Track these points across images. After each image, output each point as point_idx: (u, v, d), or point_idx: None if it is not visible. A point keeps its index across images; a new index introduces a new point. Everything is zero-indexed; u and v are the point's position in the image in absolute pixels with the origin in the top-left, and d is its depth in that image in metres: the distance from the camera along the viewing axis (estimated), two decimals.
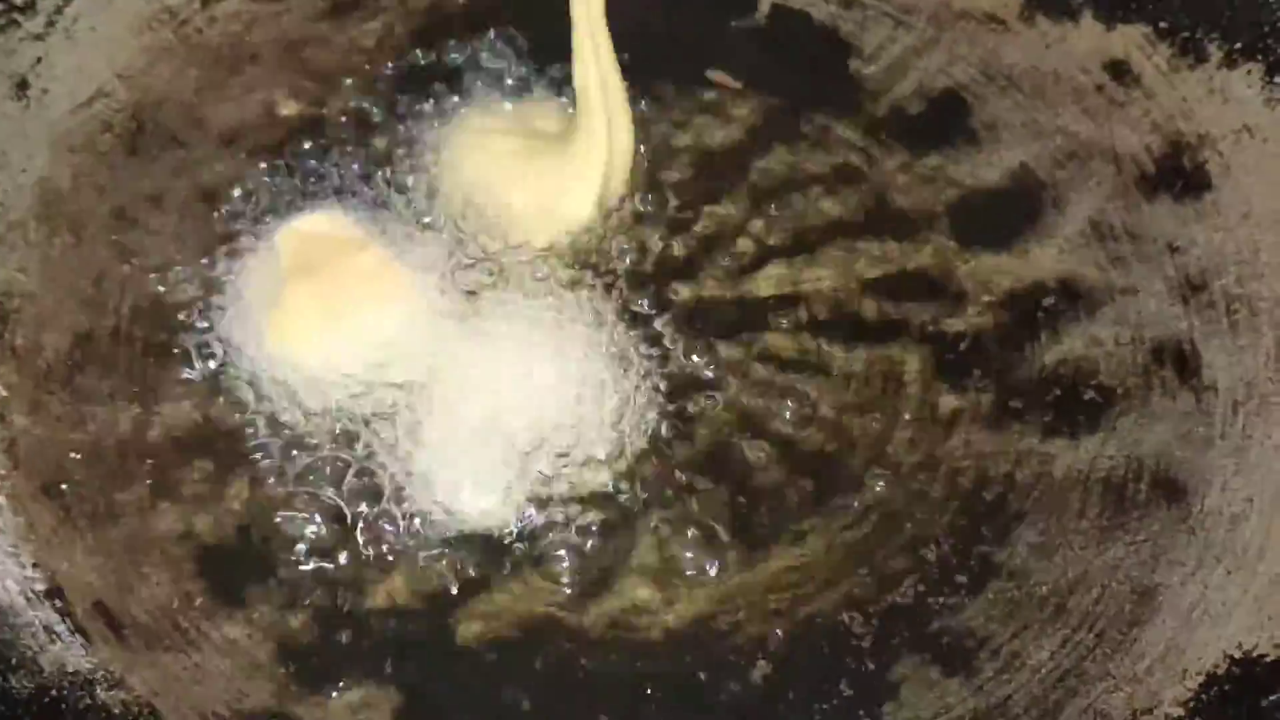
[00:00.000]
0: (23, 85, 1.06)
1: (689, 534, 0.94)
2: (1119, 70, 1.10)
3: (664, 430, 0.97)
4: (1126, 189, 1.06)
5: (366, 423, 0.96)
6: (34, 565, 0.92)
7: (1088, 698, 0.89)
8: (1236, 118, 1.06)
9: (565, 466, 0.95)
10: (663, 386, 0.98)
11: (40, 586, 0.91)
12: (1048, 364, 1.00)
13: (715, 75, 1.10)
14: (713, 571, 0.94)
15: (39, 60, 1.07)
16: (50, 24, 1.08)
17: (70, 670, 0.89)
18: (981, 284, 1.03)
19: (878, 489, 0.96)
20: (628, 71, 1.02)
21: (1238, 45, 1.07)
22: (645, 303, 1.00)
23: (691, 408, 0.98)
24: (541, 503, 0.94)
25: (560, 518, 0.94)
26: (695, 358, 0.99)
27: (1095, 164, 1.07)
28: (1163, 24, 1.09)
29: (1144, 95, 1.09)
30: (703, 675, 0.91)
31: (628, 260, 1.02)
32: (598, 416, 0.96)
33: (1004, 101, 1.10)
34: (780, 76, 1.11)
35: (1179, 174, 1.06)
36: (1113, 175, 1.06)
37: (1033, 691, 0.90)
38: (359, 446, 0.95)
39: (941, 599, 0.93)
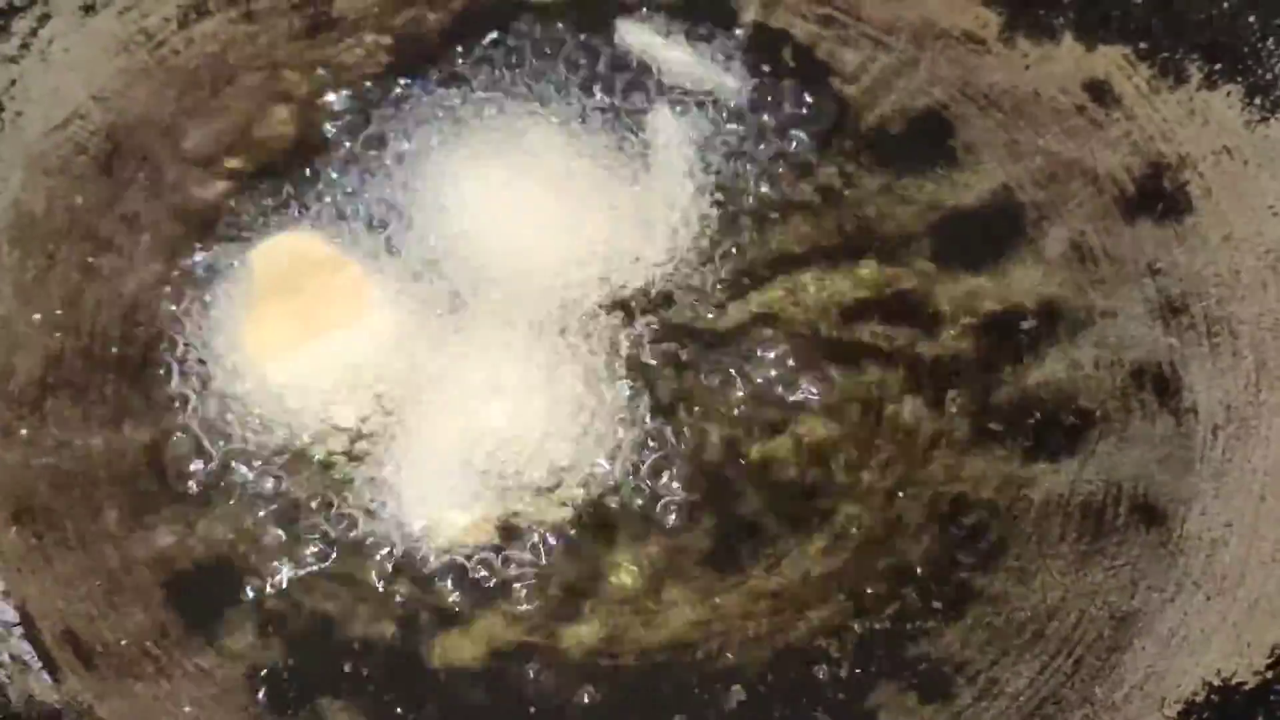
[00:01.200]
0: None
1: (664, 560, 0.93)
2: (1099, 91, 1.09)
3: (640, 455, 0.96)
4: (1107, 210, 1.05)
5: (341, 447, 0.96)
6: (3, 593, 0.91)
7: None
8: (1217, 139, 1.05)
9: (538, 490, 0.95)
10: (639, 411, 0.97)
11: (9, 615, 0.91)
12: (1027, 387, 0.99)
13: None
14: (688, 597, 0.93)
15: (13, 83, 1.06)
16: (24, 46, 1.07)
17: (39, 700, 0.88)
18: (961, 306, 1.02)
19: (855, 514, 0.95)
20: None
21: (1218, 66, 1.06)
22: (622, 327, 1.00)
23: (668, 433, 0.97)
24: (514, 526, 0.94)
25: (534, 542, 0.93)
26: (672, 383, 0.98)
27: (1076, 185, 1.06)
28: (1143, 45, 1.09)
29: (1124, 116, 1.08)
30: (679, 701, 0.90)
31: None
32: (573, 441, 0.95)
33: (984, 122, 1.09)
34: (758, 95, 1.10)
35: (1159, 195, 1.05)
36: (1093, 196, 1.05)
37: (1011, 719, 0.89)
38: (333, 470, 0.95)
39: (919, 625, 0.92)
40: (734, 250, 1.03)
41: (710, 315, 1.01)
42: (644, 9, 1.10)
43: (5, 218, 1.03)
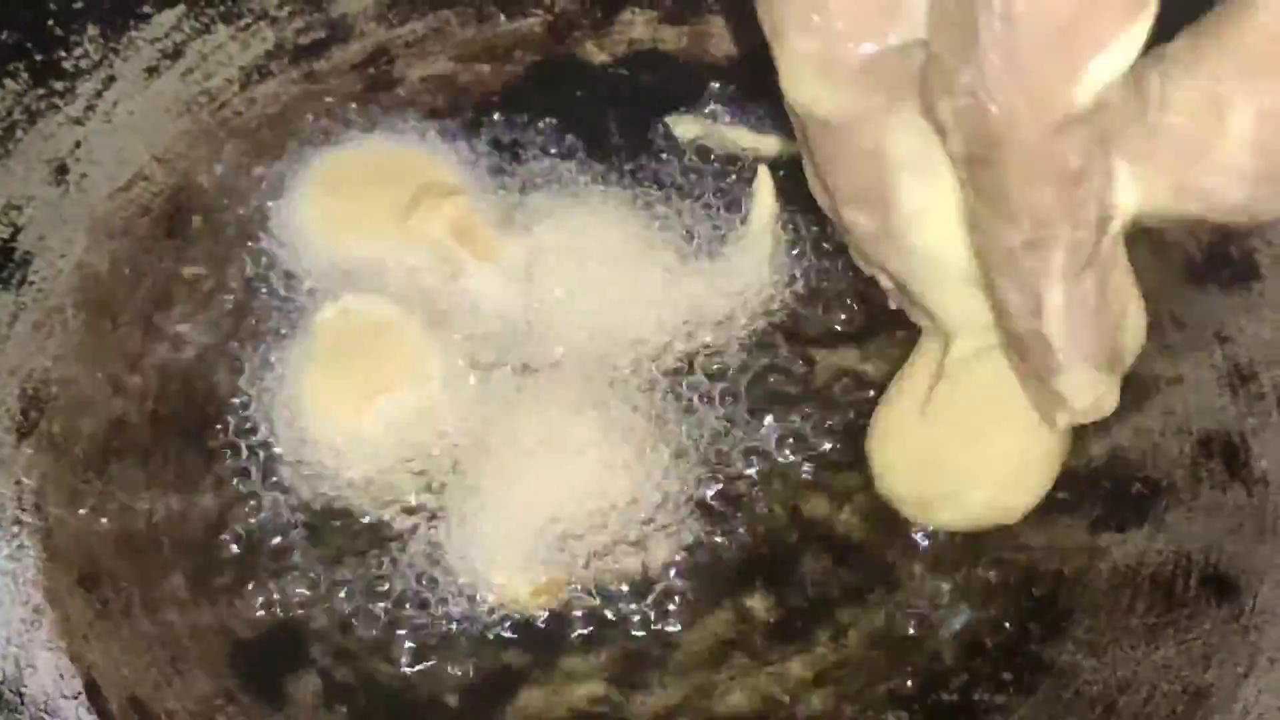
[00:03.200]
0: (62, 170, 1.06)
1: (730, 630, 0.93)
2: None
3: (706, 519, 0.95)
4: (1173, 277, 1.04)
5: (405, 508, 0.96)
6: (71, 660, 0.91)
7: None
8: None
9: (605, 554, 0.94)
10: (707, 473, 0.97)
11: (77, 682, 0.90)
12: (1095, 456, 0.98)
13: None
14: (753, 668, 0.92)
15: (78, 144, 1.07)
16: (89, 108, 1.08)
17: None
18: None
19: (923, 582, 0.95)
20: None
21: None
22: (695, 390, 0.99)
23: (735, 492, 0.96)
24: (584, 591, 0.93)
25: (600, 606, 0.93)
26: (740, 446, 0.97)
27: (1140, 252, 1.05)
28: None
29: None
30: None
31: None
32: (639, 504, 0.94)
33: None
34: None
35: (1226, 262, 1.05)
36: (1159, 263, 1.05)
37: None
38: (397, 533, 0.95)
39: (989, 697, 0.91)
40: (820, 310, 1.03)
41: (798, 368, 1.01)
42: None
43: (70, 280, 1.03)
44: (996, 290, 0.80)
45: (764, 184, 1.04)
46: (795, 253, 1.04)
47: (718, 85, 1.12)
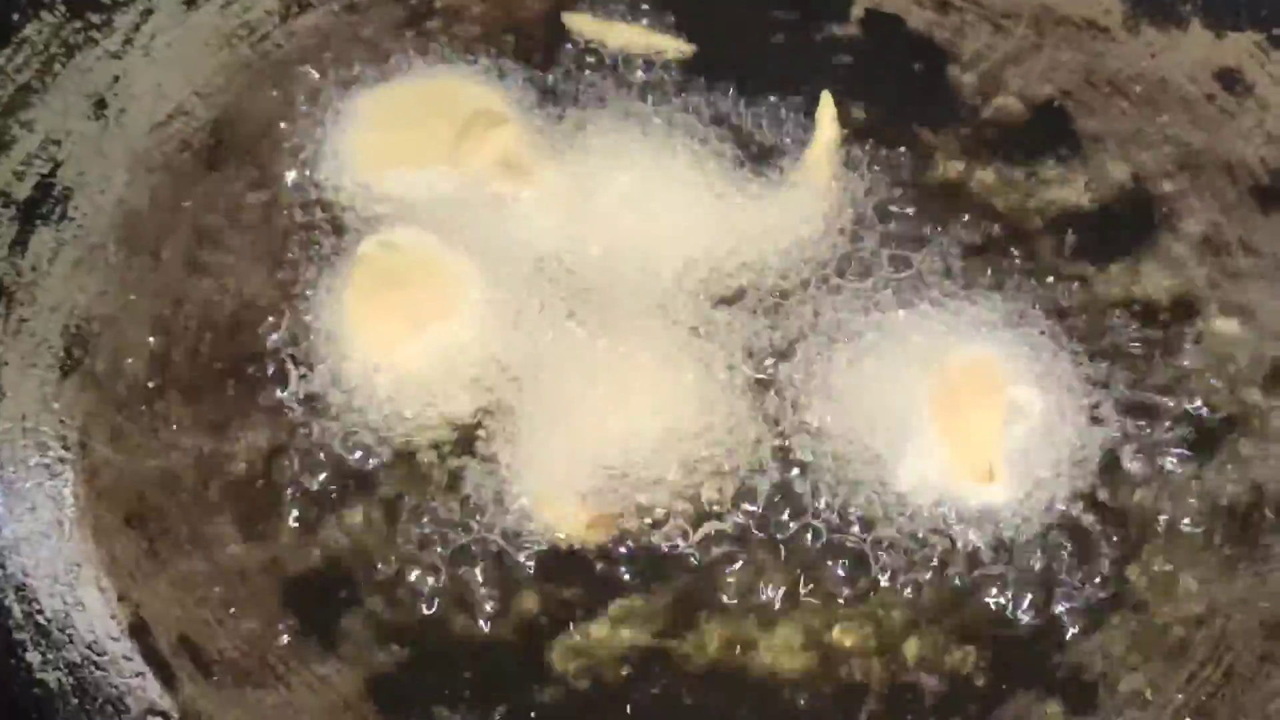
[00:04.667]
0: (100, 104, 1.04)
1: (789, 571, 0.90)
2: (1230, 80, 1.06)
3: (766, 463, 0.93)
4: (1241, 201, 1.01)
5: (455, 442, 0.93)
6: (119, 599, 0.89)
7: None
8: None
9: (660, 486, 0.91)
10: (768, 415, 0.94)
11: (125, 622, 0.89)
12: (1164, 384, 0.95)
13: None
14: (813, 611, 0.90)
15: (116, 79, 1.05)
16: (128, 41, 1.05)
17: (158, 710, 0.86)
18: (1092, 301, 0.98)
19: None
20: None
21: None
22: (754, 323, 0.96)
23: (794, 445, 0.93)
24: (638, 526, 0.91)
25: (654, 544, 0.91)
26: (805, 398, 0.95)
27: (1207, 176, 1.02)
28: (1276, 31, 1.05)
29: (1257, 105, 1.05)
30: (806, 714, 0.87)
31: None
32: (700, 440, 0.92)
33: (1109, 111, 1.05)
34: (874, 84, 1.06)
35: None
36: (1226, 187, 1.02)
37: None
38: (448, 467, 0.93)
39: (1059, 633, 0.89)
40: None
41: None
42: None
43: (111, 217, 1.01)
44: None
45: (826, 110, 1.01)
46: (856, 184, 1.01)
47: None
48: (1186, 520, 0.91)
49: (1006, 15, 1.10)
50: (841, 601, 0.90)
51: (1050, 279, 0.99)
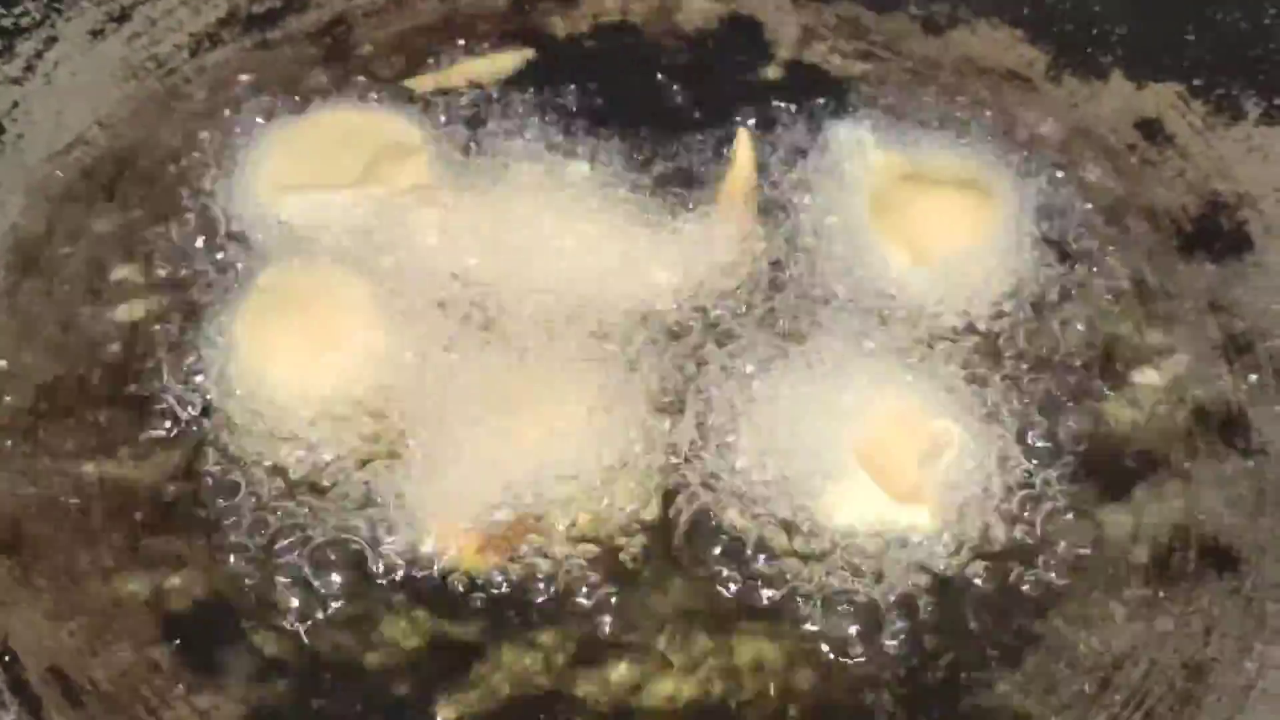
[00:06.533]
0: None
1: (696, 602, 0.86)
2: (1151, 130, 1.05)
3: (671, 493, 0.90)
4: (1164, 248, 1.00)
5: (350, 468, 0.89)
6: None
7: None
8: (1278, 176, 1.01)
9: (558, 518, 0.88)
10: (674, 445, 0.91)
11: None
12: (1089, 429, 0.93)
13: None
14: (720, 645, 0.86)
15: (15, 105, 1.02)
16: (29, 69, 1.03)
17: None
18: None
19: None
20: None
21: (1277, 101, 1.02)
22: (666, 349, 0.94)
23: (701, 475, 0.90)
24: (536, 554, 0.87)
25: (552, 571, 0.87)
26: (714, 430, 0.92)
27: (1131, 223, 1.01)
28: (1196, 82, 1.05)
29: (1178, 155, 1.04)
30: None
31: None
32: (603, 468, 0.88)
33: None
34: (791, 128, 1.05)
35: (1218, 234, 1.01)
36: (1149, 234, 1.01)
37: None
38: (343, 494, 0.89)
39: (975, 674, 0.85)
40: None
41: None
42: None
43: (3, 241, 0.98)
44: None
45: (744, 147, 1.00)
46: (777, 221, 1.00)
47: None
48: (1109, 559, 0.88)
49: (930, 65, 1.09)
50: (746, 632, 0.86)
51: None
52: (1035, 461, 0.91)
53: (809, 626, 0.86)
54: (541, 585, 0.86)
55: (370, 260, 0.95)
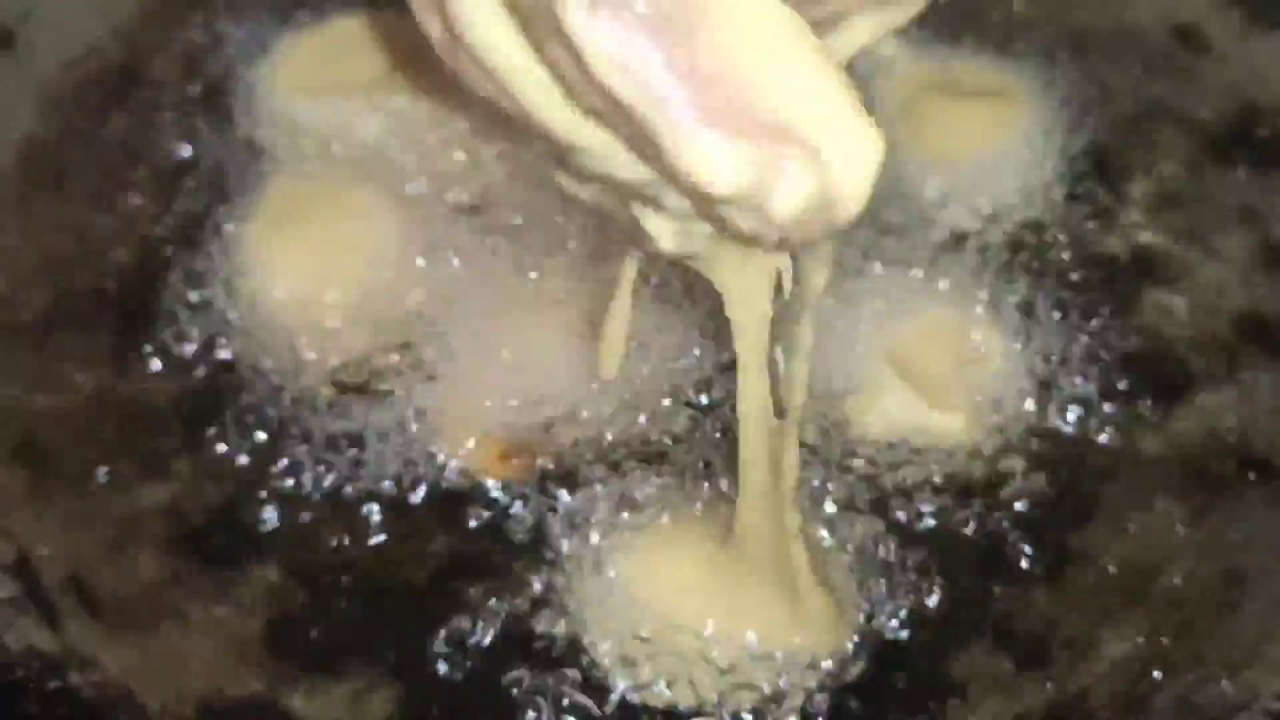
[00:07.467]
0: (8, 37, 0.98)
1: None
2: (1187, 35, 1.03)
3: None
4: (1199, 156, 0.99)
5: (365, 378, 0.89)
6: (1, 534, 0.83)
7: (1175, 690, 0.79)
8: None
9: (578, 423, 0.87)
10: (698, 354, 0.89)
11: (7, 557, 0.82)
12: (1125, 340, 0.91)
13: None
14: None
15: (27, 13, 0.99)
16: None
17: (38, 650, 0.79)
18: None
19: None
20: None
21: None
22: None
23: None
24: (555, 464, 0.86)
25: (573, 479, 0.85)
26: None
27: (1165, 130, 0.99)
28: None
29: (1215, 61, 1.02)
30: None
31: None
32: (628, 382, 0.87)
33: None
34: None
35: (1253, 142, 0.99)
36: (1184, 141, 0.99)
37: (1114, 684, 0.80)
38: (358, 403, 0.87)
39: (1011, 587, 0.83)
40: None
41: None
42: None
43: (16, 150, 0.96)
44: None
45: None
46: None
47: None
48: (1146, 469, 0.87)
49: None
50: None
51: None
52: (1070, 371, 0.89)
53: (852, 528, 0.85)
54: (557, 492, 0.85)
55: (385, 168, 0.94)
